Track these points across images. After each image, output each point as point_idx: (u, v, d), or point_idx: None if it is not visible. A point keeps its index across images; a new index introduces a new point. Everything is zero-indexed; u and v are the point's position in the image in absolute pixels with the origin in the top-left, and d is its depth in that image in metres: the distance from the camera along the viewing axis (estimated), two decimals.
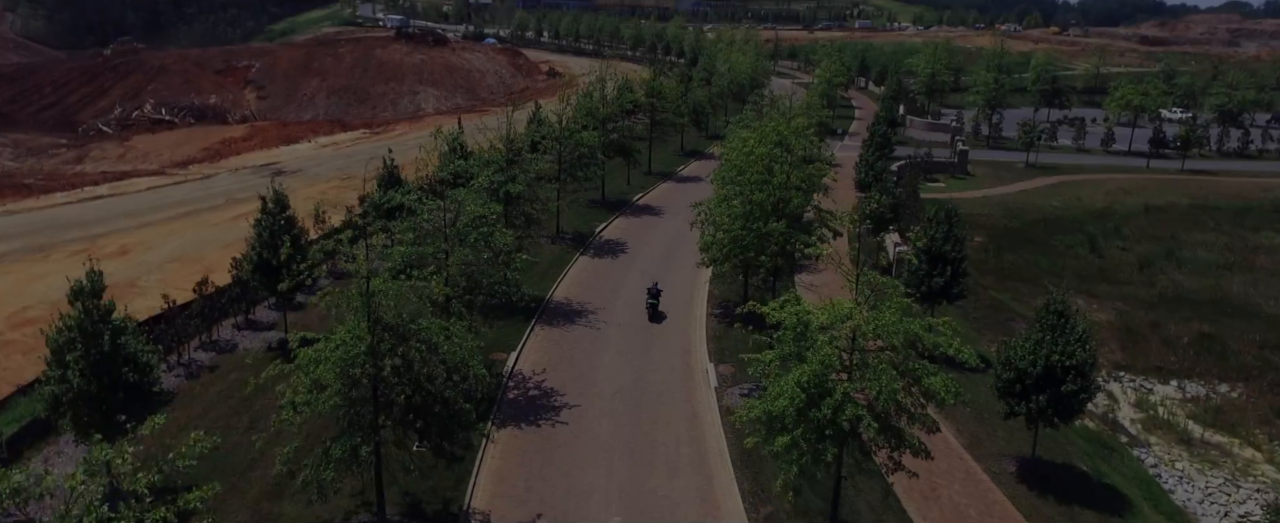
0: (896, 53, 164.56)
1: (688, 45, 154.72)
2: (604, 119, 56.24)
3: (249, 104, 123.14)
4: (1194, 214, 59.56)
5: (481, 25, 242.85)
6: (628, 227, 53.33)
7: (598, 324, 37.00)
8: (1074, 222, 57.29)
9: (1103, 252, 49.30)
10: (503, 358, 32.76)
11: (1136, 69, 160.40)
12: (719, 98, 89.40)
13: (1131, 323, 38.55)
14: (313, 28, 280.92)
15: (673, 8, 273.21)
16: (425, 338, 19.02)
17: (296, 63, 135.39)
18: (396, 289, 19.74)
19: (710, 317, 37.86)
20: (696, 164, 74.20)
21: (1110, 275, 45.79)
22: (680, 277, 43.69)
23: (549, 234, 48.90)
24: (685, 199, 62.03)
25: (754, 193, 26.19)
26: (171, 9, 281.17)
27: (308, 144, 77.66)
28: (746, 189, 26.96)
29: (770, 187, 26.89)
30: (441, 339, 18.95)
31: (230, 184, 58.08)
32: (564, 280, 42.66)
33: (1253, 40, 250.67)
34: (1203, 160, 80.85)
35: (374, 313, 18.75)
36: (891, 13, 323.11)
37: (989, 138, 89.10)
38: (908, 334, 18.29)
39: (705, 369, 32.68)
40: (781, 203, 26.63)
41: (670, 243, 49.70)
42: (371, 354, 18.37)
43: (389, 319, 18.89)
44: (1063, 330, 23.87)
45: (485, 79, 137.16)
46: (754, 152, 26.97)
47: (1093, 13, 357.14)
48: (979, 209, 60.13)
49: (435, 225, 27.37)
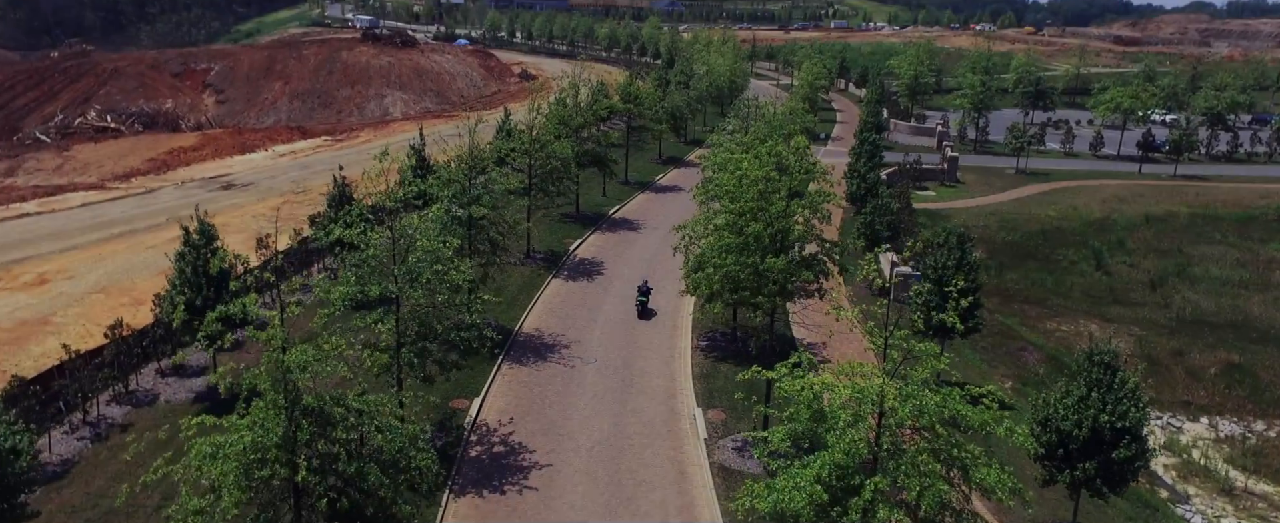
0: (875, 54, 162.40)
1: (664, 46, 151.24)
2: (577, 128, 52.53)
3: (207, 109, 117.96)
4: (1196, 224, 56.97)
5: (453, 26, 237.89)
6: (604, 244, 49.70)
7: (571, 360, 33.36)
8: (1073, 233, 54.45)
9: (1109, 268, 46.42)
10: (464, 406, 29.04)
11: (1115, 70, 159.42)
12: (698, 102, 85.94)
13: (1152, 351, 35.56)
14: (280, 28, 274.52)
15: (648, 7, 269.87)
16: (355, 425, 15.27)
17: (258, 65, 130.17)
18: (322, 356, 16.02)
19: (695, 351, 34.33)
20: (676, 172, 70.73)
21: (1121, 295, 42.86)
22: (661, 302, 40.13)
23: (519, 255, 45.19)
24: (665, 212, 58.64)
25: (749, 223, 22.64)
26: (133, 9, 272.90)
27: (264, 153, 73.23)
28: (740, 218, 23.37)
29: (768, 216, 23.34)
30: (372, 431, 15.21)
31: (174, 200, 53.71)
32: (534, 308, 38.95)
33: (1222, 40, 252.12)
34: (1193, 165, 78.71)
35: (291, 395, 14.97)
36: (866, 13, 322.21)
37: (976, 142, 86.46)
38: (951, 413, 14.84)
39: (692, 415, 29.13)
40: (780, 235, 23.09)
41: (650, 262, 46.13)
42: (286, 448, 14.60)
43: (309, 402, 15.13)
44: (1111, 386, 20.56)
45: (455, 82, 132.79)
46: (748, 176, 23.40)
47: (1061, 12, 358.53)
48: (974, 220, 57.17)
49: (381, 262, 23.57)
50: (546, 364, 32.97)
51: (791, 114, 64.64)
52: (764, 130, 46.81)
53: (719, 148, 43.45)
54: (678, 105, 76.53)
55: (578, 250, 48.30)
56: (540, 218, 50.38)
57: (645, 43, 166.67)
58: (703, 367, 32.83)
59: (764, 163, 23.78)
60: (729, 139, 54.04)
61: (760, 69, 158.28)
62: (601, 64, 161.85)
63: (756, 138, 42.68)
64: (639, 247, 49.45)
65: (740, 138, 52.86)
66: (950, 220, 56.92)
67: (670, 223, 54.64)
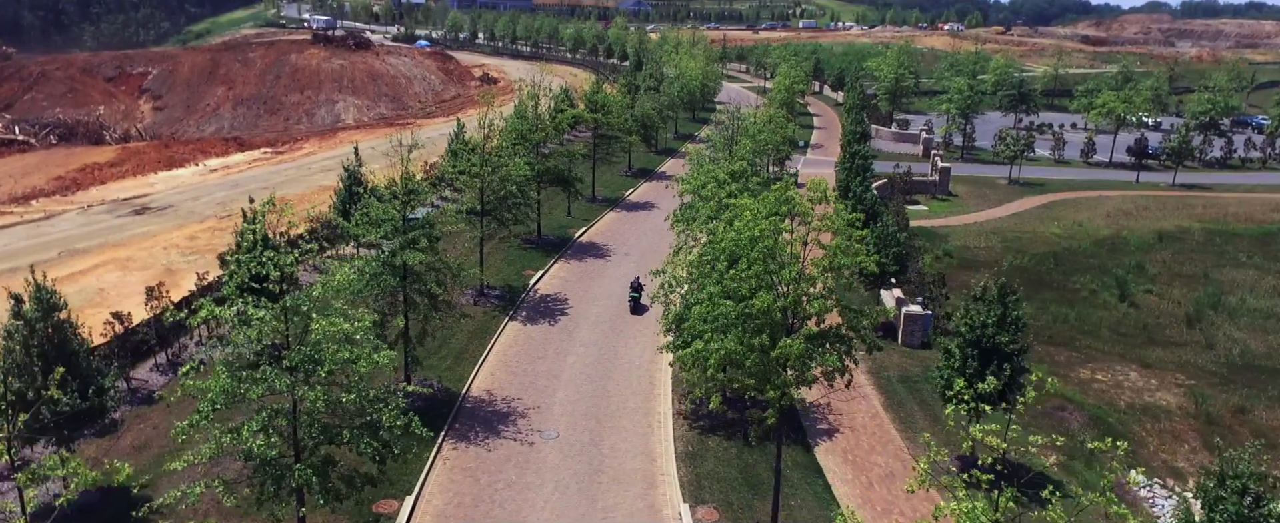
0: (848, 54, 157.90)
1: (631, 47, 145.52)
2: (537, 143, 46.62)
3: (143, 116, 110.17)
4: (1213, 243, 52.51)
5: (413, 26, 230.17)
6: (569, 275, 43.88)
7: (529, 434, 27.55)
8: (1084, 255, 49.66)
9: (1135, 298, 41.51)
10: (392, 510, 23.10)
11: (1091, 71, 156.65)
12: (669, 108, 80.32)
13: (1210, 408, 30.55)
14: (234, 29, 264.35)
15: (615, 7, 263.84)
16: None
17: (200, 69, 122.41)
18: None
19: (678, 418, 28.68)
20: (647, 186, 65.07)
21: (1155, 333, 37.94)
22: (633, 350, 34.47)
23: (471, 291, 39.23)
24: (637, 233, 52.96)
25: (755, 297, 17.01)
26: (76, 9, 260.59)
27: (193, 169, 66.33)
28: (740, 285, 17.70)
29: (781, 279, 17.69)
30: None
31: (74, 227, 46.92)
32: (486, 362, 33.05)
33: (1185, 40, 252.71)
34: (1188, 172, 74.70)
35: None
36: (834, 12, 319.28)
37: (963, 149, 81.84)
38: None
39: (677, 514, 23.48)
40: (797, 307, 17.49)
41: (621, 298, 40.42)
42: None
43: None
44: None
45: (412, 86, 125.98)
46: (747, 232, 17.74)
47: (1022, 11, 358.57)
48: (975, 240, 52.19)
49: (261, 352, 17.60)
50: (498, 441, 27.12)
51: (771, 122, 59.39)
52: (748, 148, 41.40)
53: (698, 170, 37.84)
54: (648, 113, 70.81)
55: (539, 284, 42.43)
56: (497, 245, 44.52)
57: (612, 44, 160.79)
58: (688, 441, 27.22)
59: (770, 208, 18.13)
60: (707, 152, 48.61)
61: (731, 70, 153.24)
62: (566, 66, 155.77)
63: (742, 159, 37.16)
64: (609, 277, 43.71)
65: (719, 155, 47.41)
66: (949, 241, 51.92)
67: (642, 248, 49.12)
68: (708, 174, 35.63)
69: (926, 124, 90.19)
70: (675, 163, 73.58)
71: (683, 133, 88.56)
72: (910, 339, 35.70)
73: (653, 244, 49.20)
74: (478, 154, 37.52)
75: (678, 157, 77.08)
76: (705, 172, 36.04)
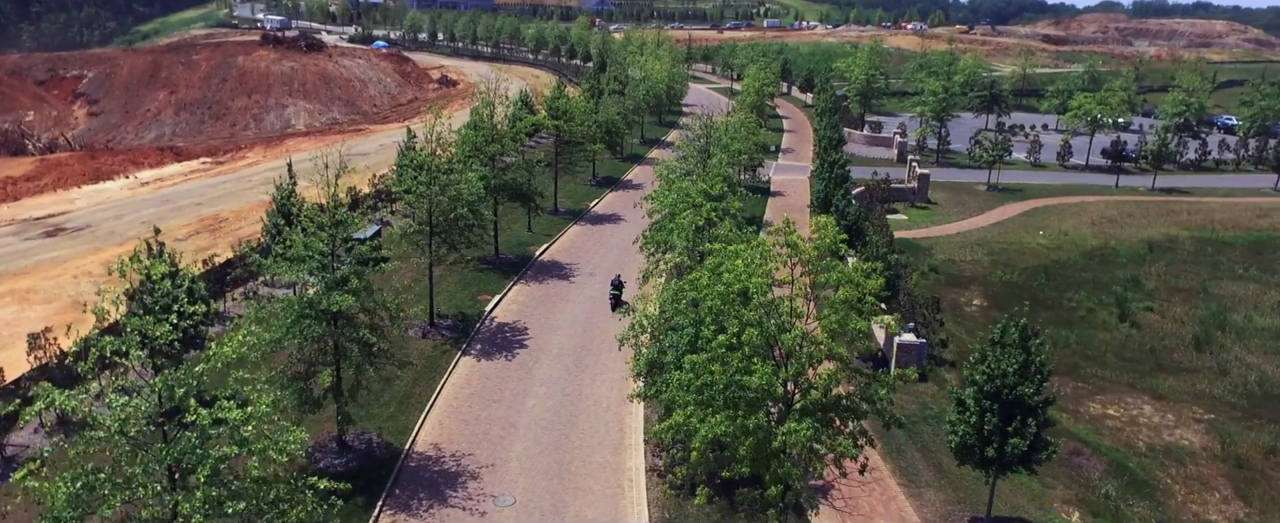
0: (815, 54, 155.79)
1: (594, 48, 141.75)
2: (494, 156, 42.83)
3: (77, 122, 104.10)
4: (1205, 252, 50.29)
5: (371, 27, 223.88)
6: (529, 299, 40.16)
7: (481, 501, 23.91)
8: (1075, 268, 47.09)
9: (1136, 318, 38.85)
10: None
11: (1057, 70, 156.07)
12: (635, 113, 76.75)
13: (1237, 450, 27.76)
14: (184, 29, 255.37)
15: (578, 6, 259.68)
16: None
17: (141, 72, 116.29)
18: None
19: (652, 477, 25.12)
20: (613, 196, 61.50)
21: (1164, 358, 35.21)
22: (600, 389, 30.94)
23: (420, 324, 35.40)
24: (602, 249, 49.35)
25: (751, 371, 13.54)
26: (14, 7, 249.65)
27: (122, 181, 61.43)
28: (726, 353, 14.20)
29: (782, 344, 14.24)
30: None
31: None
32: (435, 407, 29.31)
33: (1141, 39, 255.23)
34: (1166, 175, 72.96)
35: None
36: (798, 11, 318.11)
37: (938, 153, 79.41)
38: None
39: None
40: (800, 379, 14.06)
41: (587, 325, 36.88)
42: None
43: None
44: None
45: (367, 89, 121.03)
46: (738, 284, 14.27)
47: (982, 10, 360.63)
48: (960, 253, 49.40)
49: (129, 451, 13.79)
50: (445, 511, 23.43)
51: (743, 127, 56.15)
52: (724, 162, 38.06)
53: (669, 186, 34.41)
54: (613, 118, 67.20)
55: (496, 311, 38.66)
56: (449, 268, 40.64)
57: (575, 44, 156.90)
58: (664, 507, 23.67)
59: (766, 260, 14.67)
60: (678, 164, 45.18)
61: (696, 71, 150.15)
62: (528, 67, 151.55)
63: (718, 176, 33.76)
64: (572, 301, 40.10)
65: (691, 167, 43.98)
66: (933, 254, 49.05)
67: (608, 266, 45.50)
68: (679, 192, 32.20)
69: (900, 127, 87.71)
70: (642, 170, 70.08)
71: (649, 137, 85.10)
72: (908, 366, 32.51)
73: (619, 261, 45.70)
74: (425, 171, 33.66)
75: (644, 163, 73.57)
76: (676, 189, 32.59)
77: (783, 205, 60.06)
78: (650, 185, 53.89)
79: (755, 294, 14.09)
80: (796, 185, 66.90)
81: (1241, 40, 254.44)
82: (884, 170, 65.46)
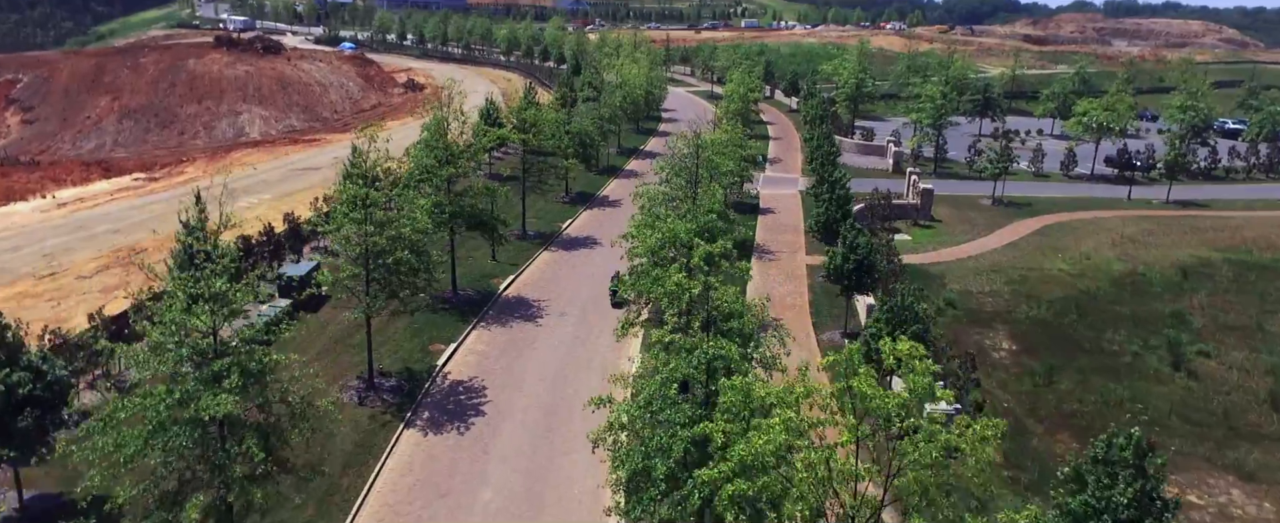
0: (796, 55, 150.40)
1: (568, 49, 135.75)
2: (449, 179, 36.92)
3: (9, 131, 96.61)
4: (1246, 280, 45.50)
5: (338, 27, 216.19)
6: (489, 348, 34.33)
7: None
8: (1106, 300, 42.02)
9: (1192, 366, 33.71)
10: None
11: (1044, 72, 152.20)
12: (611, 121, 70.96)
13: None
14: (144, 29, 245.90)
15: (552, 6, 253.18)
16: None
17: (82, 76, 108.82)
18: None
19: None
20: (587, 215, 55.75)
21: (1237, 422, 30.11)
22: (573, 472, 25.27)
23: (357, 384, 29.55)
24: (576, 280, 43.44)
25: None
26: None
27: (36, 202, 54.80)
28: None
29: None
30: None
31: None
32: (366, 506, 23.46)
33: (1119, 38, 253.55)
34: (1178, 186, 68.29)
35: None
36: (776, 11, 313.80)
37: (936, 162, 74.35)
38: None
39: None
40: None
41: (556, 380, 31.19)
42: None
43: None
44: None
45: (328, 94, 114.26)
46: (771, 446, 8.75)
47: (957, 10, 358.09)
48: (975, 282, 44.14)
49: None
50: None
51: (732, 144, 50.58)
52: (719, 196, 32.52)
53: (652, 221, 28.84)
54: (586, 129, 61.40)
55: (450, 364, 32.83)
56: (394, 314, 34.59)
57: (548, 46, 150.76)
58: None
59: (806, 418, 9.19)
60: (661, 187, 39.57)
61: (675, 74, 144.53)
62: (499, 70, 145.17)
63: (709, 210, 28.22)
64: (540, 347, 34.37)
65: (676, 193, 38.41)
66: (946, 283, 43.72)
67: (582, 301, 39.71)
68: (664, 230, 26.59)
69: (894, 135, 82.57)
70: (620, 184, 64.38)
71: (627, 147, 79.35)
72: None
73: (594, 296, 40.07)
74: (359, 206, 27.75)
75: (622, 175, 67.91)
76: (661, 227, 26.95)
77: (774, 225, 54.63)
78: (628, 204, 48.19)
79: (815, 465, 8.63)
80: (786, 200, 61.53)
81: (1218, 40, 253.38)
82: (883, 184, 60.03)
